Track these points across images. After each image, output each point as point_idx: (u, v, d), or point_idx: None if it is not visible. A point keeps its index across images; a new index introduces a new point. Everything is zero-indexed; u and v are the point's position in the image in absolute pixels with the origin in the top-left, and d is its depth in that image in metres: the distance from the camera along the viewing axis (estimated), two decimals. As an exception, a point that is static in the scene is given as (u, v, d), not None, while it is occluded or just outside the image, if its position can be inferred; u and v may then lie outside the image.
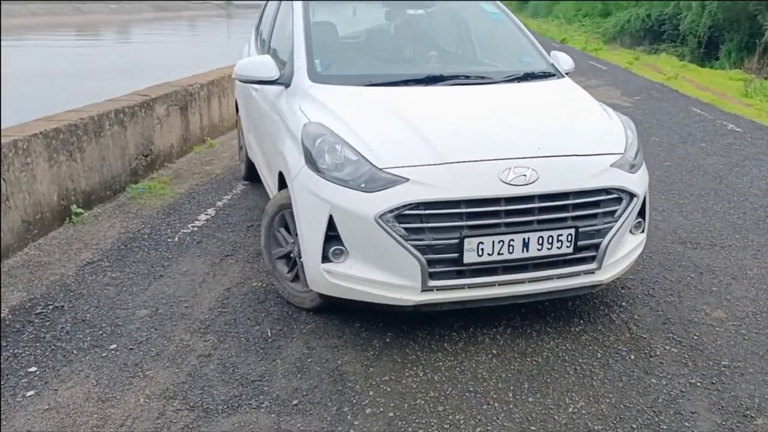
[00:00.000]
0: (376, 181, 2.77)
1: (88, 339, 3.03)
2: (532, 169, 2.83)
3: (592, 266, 2.99)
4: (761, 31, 15.76)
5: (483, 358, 2.91)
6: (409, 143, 2.91)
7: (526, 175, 2.82)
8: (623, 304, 3.46)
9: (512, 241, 2.80)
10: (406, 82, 3.51)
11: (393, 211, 2.72)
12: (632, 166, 3.12)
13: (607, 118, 3.38)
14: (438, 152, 2.85)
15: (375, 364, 2.85)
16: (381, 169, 2.79)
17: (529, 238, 2.82)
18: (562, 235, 2.85)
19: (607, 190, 2.97)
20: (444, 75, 3.63)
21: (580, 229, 2.89)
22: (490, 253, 2.79)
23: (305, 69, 3.53)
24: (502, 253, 2.80)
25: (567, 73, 3.92)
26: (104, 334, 3.07)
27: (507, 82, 3.69)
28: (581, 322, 3.25)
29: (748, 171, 6.10)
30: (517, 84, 3.70)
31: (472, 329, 3.14)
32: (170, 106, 6.06)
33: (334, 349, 2.97)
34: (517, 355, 2.94)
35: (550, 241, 2.84)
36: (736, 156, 6.67)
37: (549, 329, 3.17)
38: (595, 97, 3.70)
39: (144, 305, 3.35)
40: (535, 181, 2.82)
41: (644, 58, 17.50)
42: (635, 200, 3.05)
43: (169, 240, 4.24)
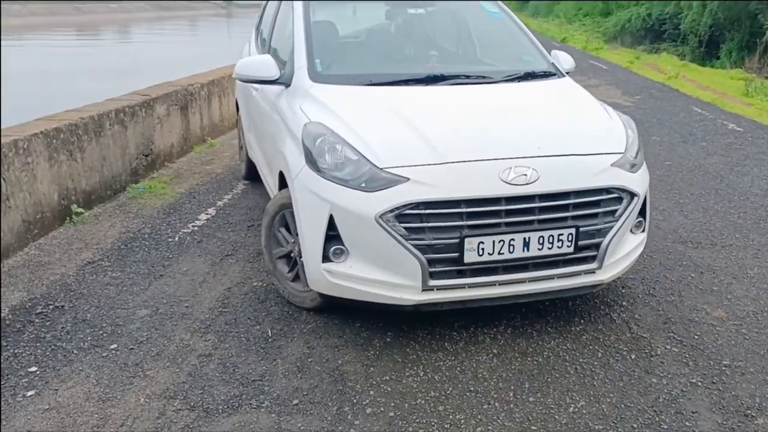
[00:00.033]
0: (377, 180, 2.77)
1: (89, 339, 3.03)
2: (532, 169, 2.83)
3: (593, 266, 2.99)
4: (762, 30, 15.73)
5: (483, 358, 2.91)
6: (410, 143, 2.91)
7: (526, 175, 2.81)
8: (624, 303, 3.45)
9: (513, 240, 2.80)
10: (407, 82, 3.51)
11: (393, 210, 2.72)
12: (633, 166, 3.11)
13: (607, 118, 3.38)
14: (438, 152, 2.85)
15: (375, 364, 2.85)
16: (381, 169, 2.79)
17: (529, 238, 2.82)
18: (562, 235, 2.85)
19: (607, 190, 2.97)
20: (444, 74, 3.63)
21: (581, 229, 2.89)
22: (491, 253, 2.79)
23: (305, 68, 3.53)
24: (503, 253, 2.80)
25: (568, 73, 3.92)
26: (105, 334, 3.07)
27: (507, 82, 3.69)
28: (582, 321, 3.25)
29: (749, 170, 6.09)
30: (518, 83, 3.69)
31: (472, 329, 3.14)
32: (170, 106, 6.06)
33: (335, 349, 2.96)
34: (517, 355, 2.94)
35: (551, 241, 2.84)
36: (736, 155, 6.66)
37: (549, 329, 3.17)
38: (596, 97, 3.69)
39: (144, 305, 3.35)
40: (535, 181, 2.82)
41: (645, 58, 17.48)
42: (636, 200, 3.04)
43: (170, 240, 4.23)
